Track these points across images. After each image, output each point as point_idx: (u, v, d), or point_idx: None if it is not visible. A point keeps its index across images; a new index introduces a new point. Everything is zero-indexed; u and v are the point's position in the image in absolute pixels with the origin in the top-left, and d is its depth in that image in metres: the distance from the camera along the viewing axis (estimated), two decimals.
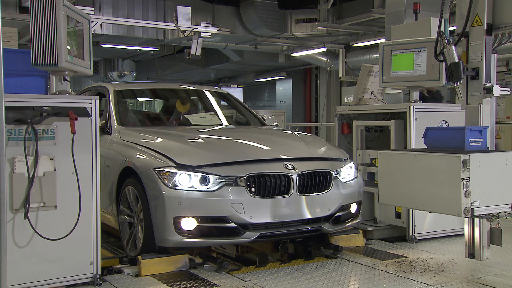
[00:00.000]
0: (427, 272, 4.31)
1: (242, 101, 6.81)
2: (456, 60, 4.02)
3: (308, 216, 4.53)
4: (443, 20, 4.12)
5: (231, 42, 15.05)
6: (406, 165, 4.05)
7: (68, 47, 3.77)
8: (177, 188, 4.23)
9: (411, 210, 5.16)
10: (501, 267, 4.42)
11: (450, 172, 3.68)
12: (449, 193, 3.71)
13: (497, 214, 3.93)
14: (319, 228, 4.60)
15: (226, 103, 6.62)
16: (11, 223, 3.64)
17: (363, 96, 6.09)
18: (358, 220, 4.97)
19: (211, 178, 4.27)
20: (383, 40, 7.69)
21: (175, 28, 10.21)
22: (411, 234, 5.26)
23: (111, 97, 5.61)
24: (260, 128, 5.96)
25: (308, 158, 4.86)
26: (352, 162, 5.03)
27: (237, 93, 13.39)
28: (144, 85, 7.00)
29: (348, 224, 4.81)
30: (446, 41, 4.05)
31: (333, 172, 4.66)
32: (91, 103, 3.93)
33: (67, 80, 3.99)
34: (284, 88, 21.11)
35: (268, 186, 4.38)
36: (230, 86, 14.86)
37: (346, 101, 12.80)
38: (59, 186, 3.79)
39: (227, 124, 6.18)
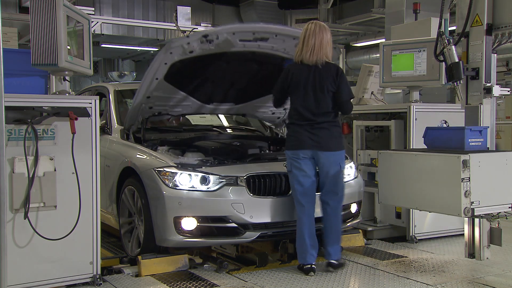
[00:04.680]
0: (427, 272, 4.31)
1: None
2: (456, 60, 4.02)
3: None
4: (443, 20, 4.12)
5: None
6: (406, 165, 4.04)
7: (68, 47, 3.77)
8: (177, 188, 4.23)
9: (411, 210, 5.16)
10: (501, 267, 4.42)
11: (450, 172, 3.68)
12: (449, 193, 3.70)
13: (497, 214, 3.93)
14: (319, 228, 4.60)
15: None
16: (11, 223, 3.64)
17: (363, 96, 6.09)
18: (358, 220, 4.96)
19: (212, 178, 4.27)
20: (383, 40, 7.69)
21: (175, 28, 10.22)
22: (411, 234, 5.26)
23: (111, 97, 5.61)
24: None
25: None
26: (352, 162, 5.04)
27: None
28: None
29: (348, 224, 4.81)
30: (446, 41, 4.05)
31: None
32: (91, 103, 3.92)
33: (67, 80, 3.98)
34: None
35: (268, 186, 4.38)
36: None
37: None
38: (59, 186, 3.78)
39: (227, 123, 6.20)
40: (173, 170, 4.27)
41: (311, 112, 4.26)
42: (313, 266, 4.27)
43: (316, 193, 4.44)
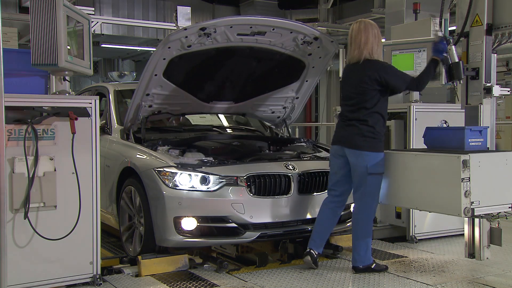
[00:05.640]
0: (427, 272, 4.31)
1: None
2: (456, 60, 4.02)
3: (308, 216, 4.54)
4: (442, 20, 4.12)
5: None
6: (406, 165, 4.04)
7: (68, 47, 3.77)
8: (177, 188, 4.23)
9: (411, 210, 5.16)
10: (501, 267, 4.42)
11: (450, 172, 3.68)
12: (449, 193, 3.71)
13: (497, 214, 3.93)
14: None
15: None
16: (11, 223, 3.64)
17: None
18: None
19: (212, 178, 4.27)
20: (383, 40, 7.68)
21: (175, 28, 10.19)
22: (411, 234, 5.26)
23: (111, 97, 5.61)
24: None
25: (308, 158, 4.87)
26: None
27: None
28: None
29: (348, 224, 4.81)
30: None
31: None
32: (91, 103, 3.92)
33: (67, 80, 3.98)
34: None
35: (268, 186, 4.38)
36: None
37: None
38: (59, 186, 3.78)
39: (227, 123, 6.20)
40: (173, 170, 4.27)
41: (346, 109, 4.29)
42: (311, 251, 4.30)
43: (317, 193, 4.45)
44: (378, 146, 4.16)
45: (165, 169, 4.29)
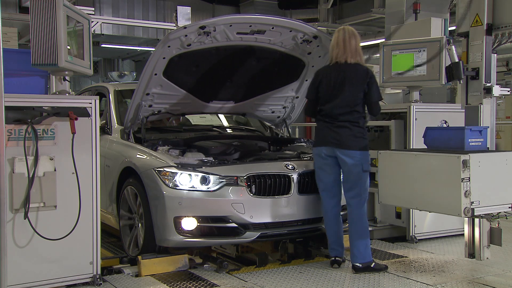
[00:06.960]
0: (427, 272, 4.31)
1: None
2: (456, 60, 4.02)
3: (308, 216, 4.54)
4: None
5: None
6: (406, 165, 4.04)
7: (68, 47, 3.77)
8: (177, 188, 4.23)
9: (411, 210, 5.16)
10: (501, 267, 4.42)
11: (450, 172, 3.68)
12: (449, 193, 3.71)
13: (497, 214, 3.93)
14: (319, 228, 4.61)
15: None
16: (11, 223, 3.64)
17: None
18: None
19: (212, 178, 4.27)
20: (383, 40, 7.69)
21: (175, 28, 10.20)
22: (411, 234, 5.26)
23: (111, 97, 5.61)
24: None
25: (308, 158, 4.87)
26: None
27: None
28: None
29: (348, 224, 4.80)
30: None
31: None
32: (91, 103, 3.92)
33: (67, 80, 3.98)
34: None
35: (268, 186, 4.38)
36: None
37: None
38: (59, 186, 3.78)
39: (227, 123, 6.19)
40: (173, 170, 4.27)
41: (337, 111, 4.27)
42: (337, 259, 4.41)
43: (317, 193, 4.46)
44: (367, 146, 4.34)
45: (165, 169, 4.29)
